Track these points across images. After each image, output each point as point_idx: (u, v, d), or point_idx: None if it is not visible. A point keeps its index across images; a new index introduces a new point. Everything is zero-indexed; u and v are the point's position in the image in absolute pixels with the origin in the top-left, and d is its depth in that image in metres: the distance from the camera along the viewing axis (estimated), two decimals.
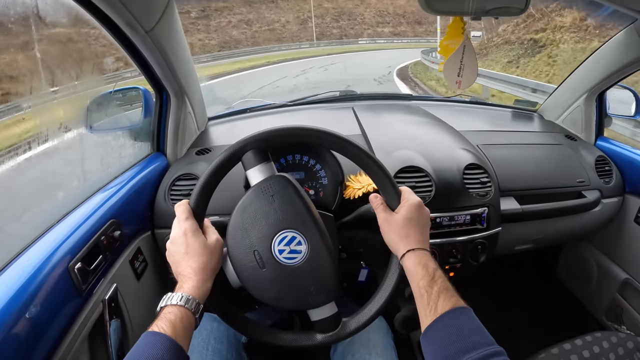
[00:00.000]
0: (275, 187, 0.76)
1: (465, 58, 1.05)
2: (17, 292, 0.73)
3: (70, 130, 1.22)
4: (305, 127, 0.80)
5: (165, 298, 0.68)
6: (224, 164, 0.78)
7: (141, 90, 1.34)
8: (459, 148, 1.30)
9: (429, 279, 0.72)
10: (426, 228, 0.81)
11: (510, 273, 2.01)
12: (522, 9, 1.05)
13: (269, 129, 0.79)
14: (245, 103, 1.86)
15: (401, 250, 0.77)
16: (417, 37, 67.69)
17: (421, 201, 0.81)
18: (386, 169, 0.82)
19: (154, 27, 1.05)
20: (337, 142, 0.81)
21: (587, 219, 1.46)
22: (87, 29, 1.22)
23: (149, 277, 1.20)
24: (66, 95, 1.31)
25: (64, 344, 0.81)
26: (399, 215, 0.79)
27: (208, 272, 0.73)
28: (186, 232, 0.75)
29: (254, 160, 0.78)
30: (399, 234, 0.78)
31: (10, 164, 1.07)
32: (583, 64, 1.59)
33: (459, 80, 1.07)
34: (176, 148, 1.38)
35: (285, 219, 0.75)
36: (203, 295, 0.71)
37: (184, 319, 0.65)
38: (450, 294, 0.70)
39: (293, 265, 0.75)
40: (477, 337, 0.64)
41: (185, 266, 0.73)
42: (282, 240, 0.75)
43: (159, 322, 0.64)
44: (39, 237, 0.88)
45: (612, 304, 1.62)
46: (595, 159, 1.51)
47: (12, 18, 1.03)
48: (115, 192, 1.11)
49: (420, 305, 0.71)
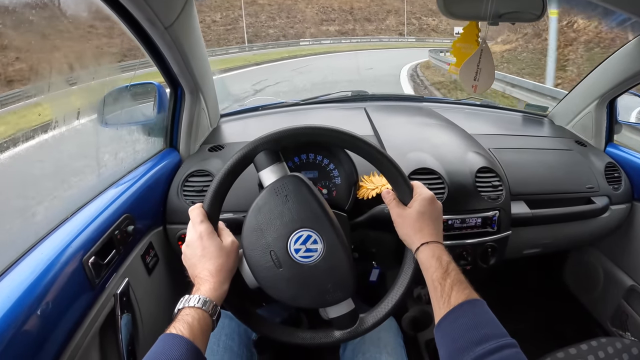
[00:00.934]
0: (289, 187, 0.76)
1: (482, 62, 1.06)
2: (32, 284, 0.73)
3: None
4: (315, 126, 0.81)
5: (183, 300, 0.69)
6: (236, 166, 0.78)
7: (155, 85, 1.34)
8: (471, 151, 1.31)
9: (442, 271, 0.73)
10: (439, 221, 0.82)
11: (517, 277, 2.01)
12: (539, 15, 1.05)
13: (280, 130, 0.79)
14: (257, 101, 1.87)
15: (415, 243, 0.78)
16: (368, 35, 65.62)
17: (433, 195, 0.82)
18: (397, 164, 0.82)
19: (173, 23, 1.05)
20: (348, 140, 0.81)
21: (596, 225, 1.46)
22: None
23: (160, 272, 1.21)
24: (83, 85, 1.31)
25: (76, 337, 0.81)
26: (412, 209, 0.80)
27: (225, 274, 0.74)
28: (202, 235, 0.75)
29: (266, 161, 0.79)
30: (413, 227, 0.79)
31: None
32: (595, 71, 1.59)
33: (475, 84, 1.07)
34: (189, 144, 1.38)
35: (300, 218, 0.75)
36: (220, 297, 0.71)
37: (201, 321, 0.66)
38: (464, 286, 0.71)
39: (309, 263, 0.75)
40: (490, 328, 0.64)
41: (202, 269, 0.73)
42: (297, 239, 0.75)
43: (176, 324, 0.64)
44: (54, 230, 0.89)
45: (618, 311, 1.62)
46: (605, 166, 1.51)
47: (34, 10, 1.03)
48: (129, 187, 1.12)
49: (434, 297, 0.72)
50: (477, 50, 1.05)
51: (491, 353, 0.60)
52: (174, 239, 1.24)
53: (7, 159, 1.15)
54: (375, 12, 71.72)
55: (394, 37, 64.08)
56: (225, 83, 13.98)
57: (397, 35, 67.83)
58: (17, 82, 1.45)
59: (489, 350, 0.61)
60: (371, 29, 69.15)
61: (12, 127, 1.39)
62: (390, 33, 68.70)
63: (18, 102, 1.47)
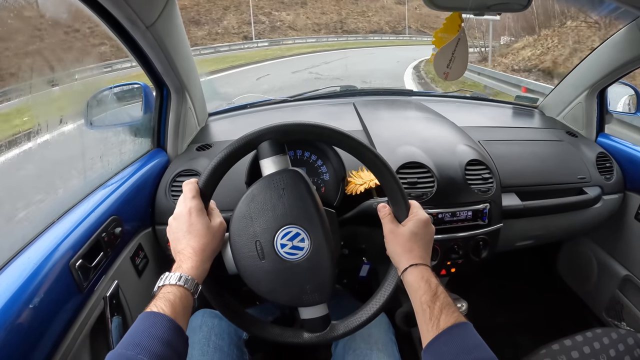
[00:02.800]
0: (287, 181, 0.75)
1: (458, 51, 1.05)
2: (19, 289, 0.72)
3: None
4: (330, 127, 0.80)
5: (164, 277, 0.68)
6: (239, 150, 0.77)
7: (141, 85, 1.33)
8: (461, 144, 1.30)
9: (431, 294, 0.72)
10: (429, 245, 0.81)
11: (510, 269, 2.01)
12: (525, 5, 1.04)
13: (291, 122, 0.79)
14: (245, 99, 1.85)
15: (403, 264, 0.77)
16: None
17: (429, 218, 0.82)
18: (400, 182, 0.82)
19: (155, 22, 1.04)
20: (356, 148, 0.80)
21: (588, 216, 1.46)
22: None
23: (150, 274, 1.20)
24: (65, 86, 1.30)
25: (66, 342, 0.81)
26: (405, 228, 0.80)
27: (208, 254, 0.73)
28: (191, 211, 0.74)
29: (269, 151, 0.78)
30: (404, 247, 0.79)
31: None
32: (584, 61, 1.59)
33: (447, 71, 1.07)
34: (177, 144, 1.37)
35: (292, 214, 0.75)
36: (201, 276, 0.71)
37: (182, 299, 0.65)
38: (452, 309, 0.70)
39: (293, 261, 0.75)
40: (479, 352, 0.64)
41: (185, 245, 0.72)
42: (285, 234, 0.74)
43: (157, 301, 0.63)
44: (40, 234, 0.88)
45: (612, 301, 1.62)
46: (596, 156, 1.51)
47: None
48: (116, 188, 1.11)
49: (422, 320, 0.71)
50: (454, 38, 1.04)
51: None
52: (163, 239, 1.23)
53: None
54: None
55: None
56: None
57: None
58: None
59: None
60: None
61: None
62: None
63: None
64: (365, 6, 67.64)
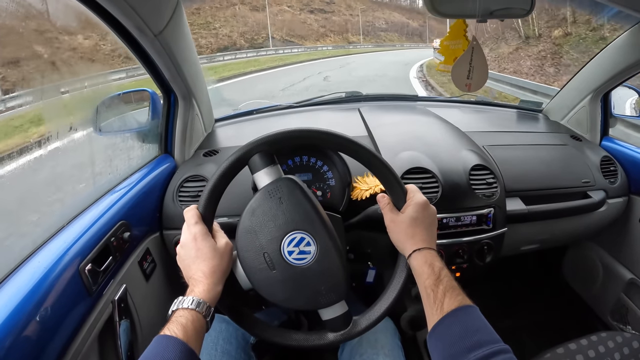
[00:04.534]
0: (283, 190, 0.77)
1: (474, 60, 1.05)
2: (29, 293, 0.74)
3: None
4: (310, 129, 0.81)
5: (177, 302, 0.69)
6: (231, 168, 0.78)
7: (149, 92, 1.35)
8: (465, 149, 1.31)
9: (434, 278, 0.73)
10: (432, 227, 0.82)
11: (515, 273, 2.01)
12: (528, 10, 1.05)
13: (275, 132, 0.80)
14: (251, 105, 1.87)
15: (408, 250, 0.78)
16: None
17: (427, 200, 0.82)
18: (392, 168, 0.83)
19: (163, 31, 1.05)
20: (342, 143, 0.81)
21: (593, 219, 1.46)
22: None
23: (158, 278, 1.22)
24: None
25: (75, 345, 0.82)
26: (404, 215, 0.80)
27: (218, 275, 0.74)
28: (196, 237, 0.75)
29: (260, 164, 0.79)
30: (405, 233, 0.79)
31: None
32: (588, 65, 1.59)
33: (468, 82, 1.07)
34: (184, 150, 1.38)
35: (293, 221, 0.76)
36: (214, 299, 0.72)
37: (195, 322, 0.66)
38: (456, 292, 0.71)
39: (303, 265, 0.75)
40: (483, 334, 0.64)
41: (195, 270, 0.74)
42: (291, 241, 0.75)
43: (170, 325, 0.65)
44: (50, 238, 0.89)
45: (618, 304, 1.62)
46: (601, 159, 1.51)
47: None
48: (124, 194, 1.12)
49: (427, 304, 0.72)
50: (468, 48, 1.05)
51: (484, 359, 0.61)
52: (170, 244, 1.25)
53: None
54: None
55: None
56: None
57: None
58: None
59: (483, 356, 0.61)
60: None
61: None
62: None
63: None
64: (210, 16, 56.61)
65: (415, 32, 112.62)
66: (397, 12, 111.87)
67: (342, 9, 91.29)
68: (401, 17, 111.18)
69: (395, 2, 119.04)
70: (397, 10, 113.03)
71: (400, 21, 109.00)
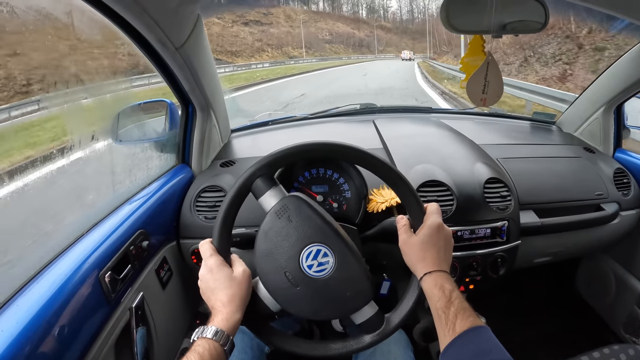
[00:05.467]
0: (290, 208, 0.78)
1: (490, 75, 1.06)
2: (50, 299, 0.75)
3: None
4: (306, 144, 0.83)
5: (198, 331, 0.72)
6: (236, 197, 0.81)
7: (167, 102, 1.37)
8: (479, 162, 1.31)
9: (445, 300, 0.74)
10: (446, 249, 0.83)
11: (528, 285, 2.00)
12: (543, 25, 1.05)
13: (270, 154, 0.82)
14: (267, 116, 1.89)
15: (419, 273, 0.80)
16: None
17: (441, 223, 0.83)
18: (412, 186, 0.84)
19: (184, 44, 1.08)
20: (362, 157, 0.84)
21: (606, 232, 1.46)
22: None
23: (174, 286, 1.23)
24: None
25: (92, 351, 0.83)
26: (416, 238, 0.82)
27: (237, 303, 0.76)
28: (211, 269, 0.78)
29: (263, 187, 0.81)
30: (416, 257, 0.81)
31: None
32: (601, 77, 1.59)
33: (483, 97, 1.07)
34: (201, 160, 1.40)
35: (306, 236, 0.77)
36: (232, 327, 0.73)
37: (212, 352, 0.68)
38: (468, 313, 0.72)
39: (324, 276, 0.77)
40: (495, 354, 0.65)
41: (215, 300, 0.76)
42: (308, 255, 0.76)
43: (189, 354, 0.67)
44: (70, 246, 0.91)
45: (631, 317, 1.61)
46: (614, 171, 1.51)
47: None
48: (143, 203, 1.14)
49: (439, 326, 0.74)
50: (483, 63, 1.05)
51: None
52: (187, 253, 1.26)
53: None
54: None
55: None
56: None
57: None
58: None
59: None
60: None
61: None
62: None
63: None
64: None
65: (363, 43, 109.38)
66: (341, 23, 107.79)
67: (281, 21, 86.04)
68: (346, 27, 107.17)
69: (338, 12, 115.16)
70: (340, 21, 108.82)
71: (345, 32, 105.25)
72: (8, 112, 1.86)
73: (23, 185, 1.30)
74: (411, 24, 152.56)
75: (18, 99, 1.95)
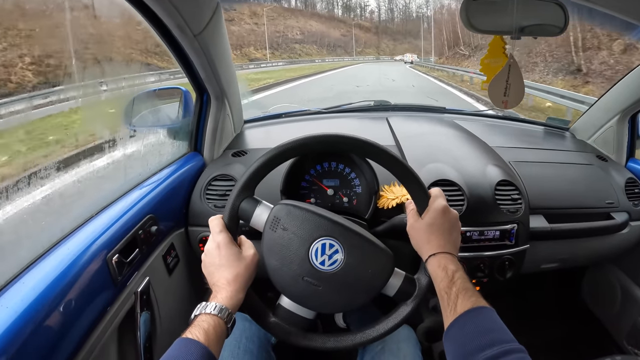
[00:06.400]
0: (279, 217, 0.79)
1: (511, 77, 1.05)
2: (56, 278, 0.75)
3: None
4: (277, 149, 0.83)
5: (200, 307, 0.71)
6: (231, 213, 0.81)
7: (182, 90, 1.37)
8: (492, 164, 1.31)
9: (447, 281, 0.75)
10: (451, 231, 0.83)
11: (533, 291, 2.00)
12: (562, 29, 1.05)
13: (244, 175, 0.82)
14: (280, 108, 1.89)
15: (424, 255, 0.81)
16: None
17: (446, 206, 0.84)
18: (415, 172, 0.84)
19: (202, 31, 1.08)
20: (362, 146, 0.84)
21: (615, 241, 1.44)
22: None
23: (180, 273, 1.24)
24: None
25: (96, 333, 0.84)
26: (422, 222, 0.83)
27: (241, 283, 0.76)
28: (219, 245, 0.78)
29: (249, 208, 0.81)
30: (422, 240, 0.82)
31: None
32: (617, 85, 1.57)
33: (505, 99, 1.07)
34: (213, 148, 1.41)
35: (306, 237, 0.77)
36: (235, 306, 0.74)
37: (216, 328, 0.68)
38: (470, 294, 0.72)
39: (340, 266, 0.77)
40: (495, 334, 0.65)
41: (219, 277, 0.76)
42: (316, 253, 0.77)
43: (192, 329, 0.66)
44: (80, 227, 0.91)
45: (634, 328, 1.60)
46: (626, 181, 1.49)
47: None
48: (153, 188, 1.15)
49: (443, 307, 0.74)
50: (505, 65, 1.05)
51: (496, 358, 0.61)
52: (195, 241, 1.27)
53: None
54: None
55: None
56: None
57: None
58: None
59: (494, 355, 0.61)
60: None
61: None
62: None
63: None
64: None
65: (338, 43, 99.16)
66: (315, 21, 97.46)
67: (245, 17, 76.22)
68: (320, 25, 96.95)
69: (312, 10, 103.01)
70: (314, 19, 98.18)
71: (319, 30, 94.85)
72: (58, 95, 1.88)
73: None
74: (391, 23, 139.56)
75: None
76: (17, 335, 0.65)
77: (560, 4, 1.01)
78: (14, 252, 0.80)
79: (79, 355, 0.78)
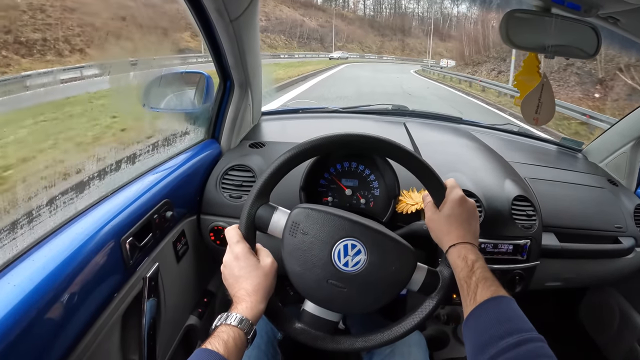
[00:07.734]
0: (298, 222, 0.78)
1: (543, 96, 1.06)
2: (68, 257, 0.74)
3: None
4: (282, 158, 0.82)
5: (221, 317, 0.71)
6: (248, 223, 0.80)
7: (205, 75, 1.35)
8: (509, 178, 1.31)
9: (467, 270, 0.75)
10: (470, 221, 0.84)
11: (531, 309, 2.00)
12: (591, 55, 1.06)
13: (257, 183, 0.81)
14: (298, 103, 1.87)
15: (444, 247, 0.82)
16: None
17: (463, 195, 0.84)
18: (428, 164, 0.85)
19: (239, 17, 1.07)
20: (371, 143, 0.86)
21: (619, 265, 1.46)
22: None
23: (188, 261, 1.22)
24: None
25: (102, 317, 0.82)
26: (440, 213, 0.83)
27: (262, 294, 0.75)
28: (238, 256, 0.77)
29: (266, 215, 0.80)
30: (442, 231, 0.83)
31: None
32: (635, 112, 1.59)
33: (536, 117, 1.07)
34: (231, 138, 1.39)
35: (326, 239, 0.77)
36: (256, 317, 0.73)
37: (236, 339, 0.67)
38: (489, 283, 0.73)
39: (364, 267, 0.76)
40: (514, 323, 0.65)
41: (239, 288, 0.75)
42: (338, 255, 0.76)
43: (212, 340, 0.66)
44: (92, 206, 0.89)
45: (630, 353, 1.62)
46: (635, 207, 1.51)
47: None
48: (169, 173, 1.13)
49: (463, 296, 0.75)
50: (538, 84, 1.05)
51: (515, 346, 0.61)
52: (206, 229, 1.25)
53: None
54: None
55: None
56: None
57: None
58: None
59: (513, 343, 0.61)
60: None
61: None
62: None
63: None
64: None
65: (314, 35, 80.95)
66: (287, 6, 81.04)
67: None
68: (293, 12, 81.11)
69: None
70: (286, 3, 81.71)
71: (290, 17, 77.61)
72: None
73: None
74: (379, 16, 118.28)
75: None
76: (24, 314, 0.63)
77: (594, 28, 1.02)
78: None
79: (85, 338, 0.77)
